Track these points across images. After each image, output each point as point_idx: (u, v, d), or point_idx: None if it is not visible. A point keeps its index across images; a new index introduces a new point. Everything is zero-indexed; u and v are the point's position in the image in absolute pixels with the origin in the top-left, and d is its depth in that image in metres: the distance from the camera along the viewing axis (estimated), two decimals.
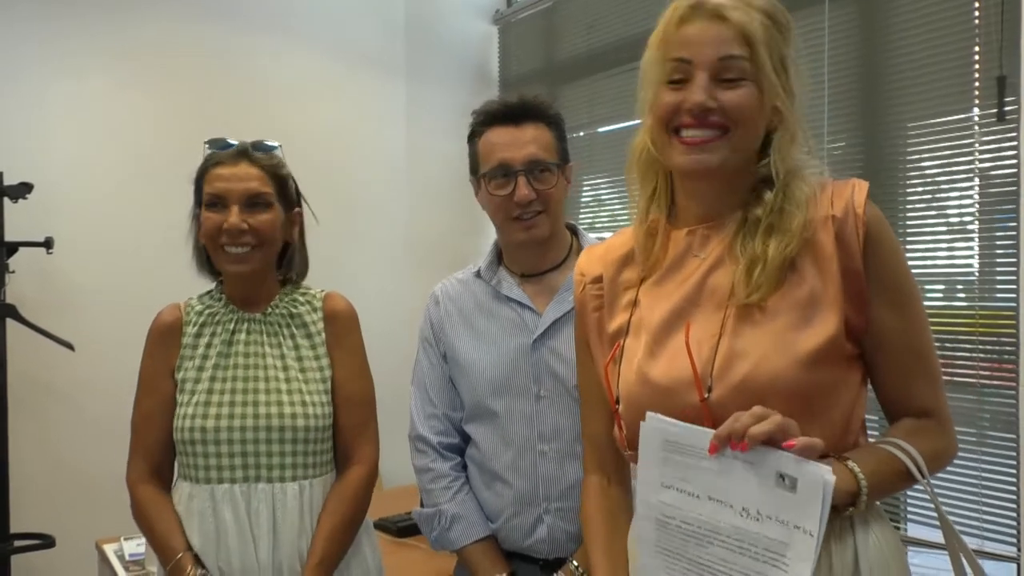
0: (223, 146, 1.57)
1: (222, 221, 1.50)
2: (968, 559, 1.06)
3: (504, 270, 1.67)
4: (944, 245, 2.37)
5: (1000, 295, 2.26)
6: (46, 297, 2.99)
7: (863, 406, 1.13)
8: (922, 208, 2.40)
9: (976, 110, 2.27)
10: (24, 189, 2.78)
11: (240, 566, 1.48)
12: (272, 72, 3.48)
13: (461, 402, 1.67)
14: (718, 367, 1.06)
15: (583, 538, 1.34)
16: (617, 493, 1.29)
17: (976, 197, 2.28)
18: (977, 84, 2.25)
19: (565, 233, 1.67)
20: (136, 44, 3.19)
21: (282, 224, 1.57)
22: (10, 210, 2.80)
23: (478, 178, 1.62)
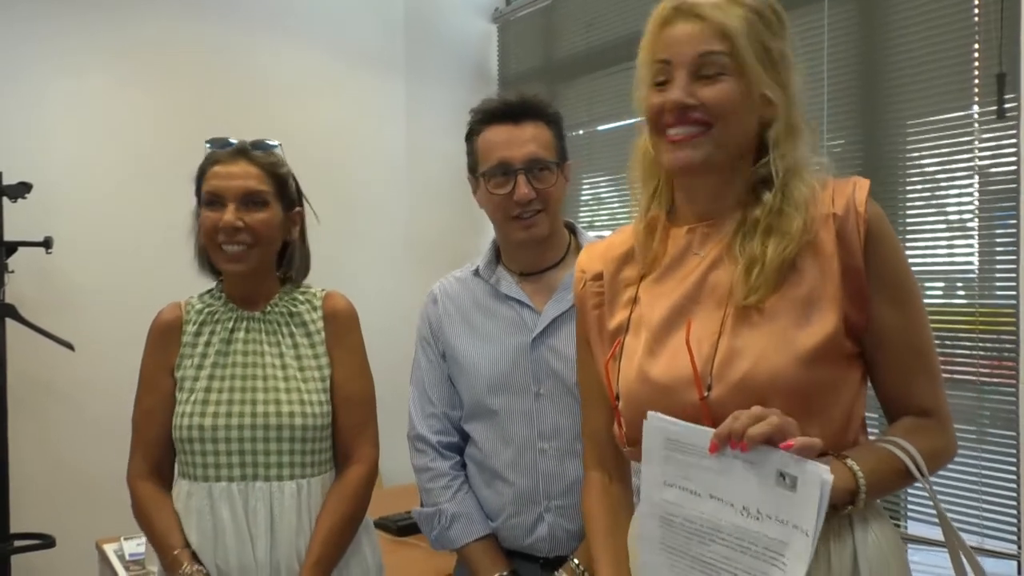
0: (223, 145, 1.57)
1: (218, 219, 1.50)
2: (968, 557, 1.06)
3: (503, 268, 1.67)
4: (944, 243, 2.37)
5: (1000, 292, 2.26)
6: (45, 297, 2.98)
7: (863, 404, 1.13)
8: (922, 206, 2.40)
9: (976, 107, 2.27)
10: (23, 189, 2.78)
11: (238, 564, 1.48)
12: (272, 71, 3.48)
13: (460, 401, 1.67)
14: (718, 365, 1.06)
15: (584, 535, 1.34)
16: (618, 490, 1.29)
17: (976, 194, 2.28)
18: (977, 81, 2.25)
19: (563, 231, 1.66)
20: (136, 43, 3.19)
21: (280, 223, 1.57)
22: (9, 210, 2.80)
23: (477, 177, 1.61)
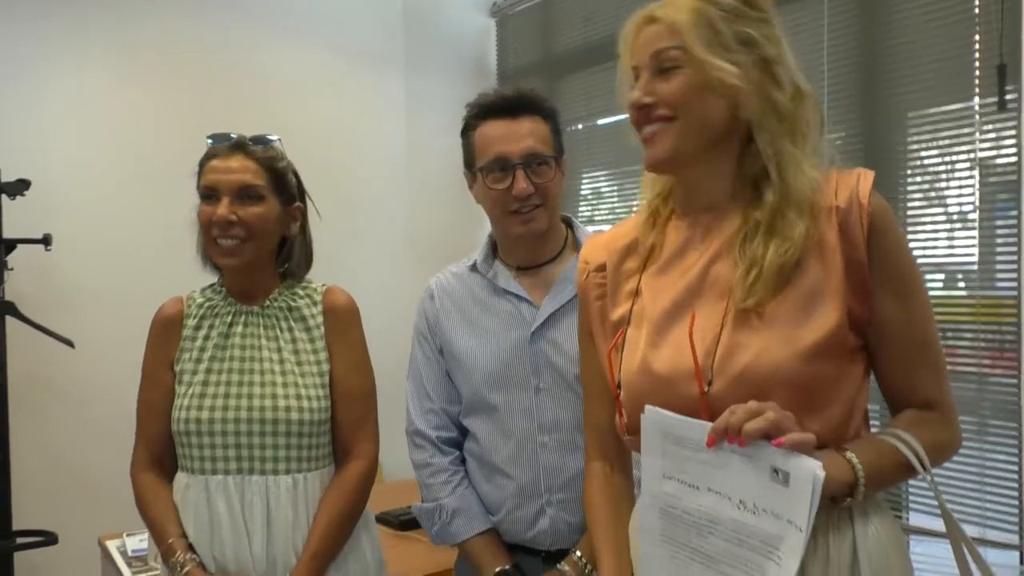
0: (224, 140, 1.57)
1: (213, 212, 1.50)
2: (969, 549, 1.06)
3: (500, 263, 1.66)
4: (945, 235, 2.36)
5: (1001, 284, 2.25)
6: (45, 294, 2.98)
7: (865, 398, 1.12)
8: (922, 198, 2.40)
9: (976, 99, 2.26)
10: (22, 186, 2.77)
11: (234, 557, 1.48)
12: (271, 68, 3.48)
13: (458, 396, 1.66)
14: (719, 359, 1.06)
15: (587, 524, 1.34)
16: (619, 480, 1.29)
17: (976, 186, 2.28)
18: (977, 73, 2.25)
19: (561, 226, 1.66)
20: (136, 41, 3.19)
21: (277, 217, 1.56)
22: (8, 207, 2.80)
23: (473, 172, 1.60)
